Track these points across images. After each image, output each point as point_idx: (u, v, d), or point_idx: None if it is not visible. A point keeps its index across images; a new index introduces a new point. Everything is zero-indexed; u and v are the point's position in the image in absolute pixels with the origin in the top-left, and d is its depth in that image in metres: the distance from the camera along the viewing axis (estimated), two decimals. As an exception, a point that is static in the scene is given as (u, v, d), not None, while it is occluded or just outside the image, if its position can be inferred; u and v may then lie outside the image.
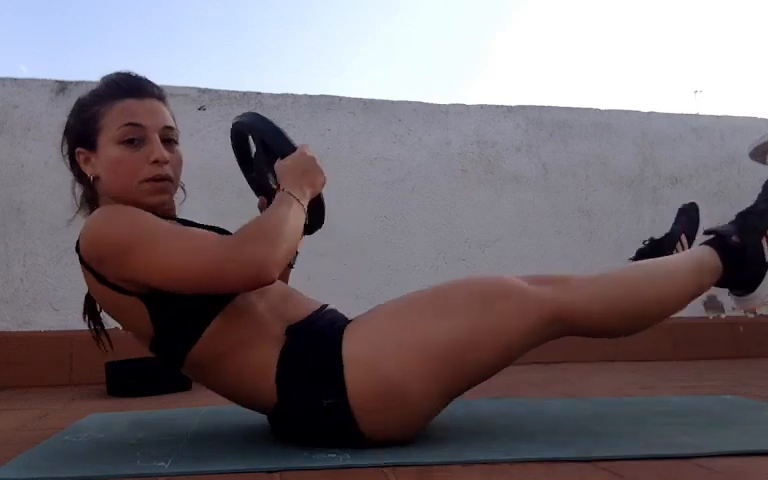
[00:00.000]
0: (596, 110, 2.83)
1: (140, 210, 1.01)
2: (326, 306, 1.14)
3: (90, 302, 1.15)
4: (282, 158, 1.09)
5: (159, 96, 1.12)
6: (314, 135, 2.50)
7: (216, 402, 1.58)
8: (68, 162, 1.14)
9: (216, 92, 2.49)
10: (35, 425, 1.39)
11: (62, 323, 2.21)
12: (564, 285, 1.10)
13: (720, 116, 2.95)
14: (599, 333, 1.15)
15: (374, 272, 2.47)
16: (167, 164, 1.08)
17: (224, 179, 2.36)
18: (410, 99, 2.68)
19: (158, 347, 1.05)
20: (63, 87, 2.33)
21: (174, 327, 1.02)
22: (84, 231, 1.00)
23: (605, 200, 2.75)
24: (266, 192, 1.18)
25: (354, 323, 1.06)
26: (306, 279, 1.43)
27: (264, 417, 1.17)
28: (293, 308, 1.09)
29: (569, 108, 2.81)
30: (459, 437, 1.10)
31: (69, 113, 1.14)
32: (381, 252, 2.51)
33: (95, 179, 1.09)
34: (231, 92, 2.51)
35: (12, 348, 2.14)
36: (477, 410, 1.37)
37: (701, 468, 0.90)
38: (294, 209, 1.02)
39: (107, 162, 1.07)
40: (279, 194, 1.04)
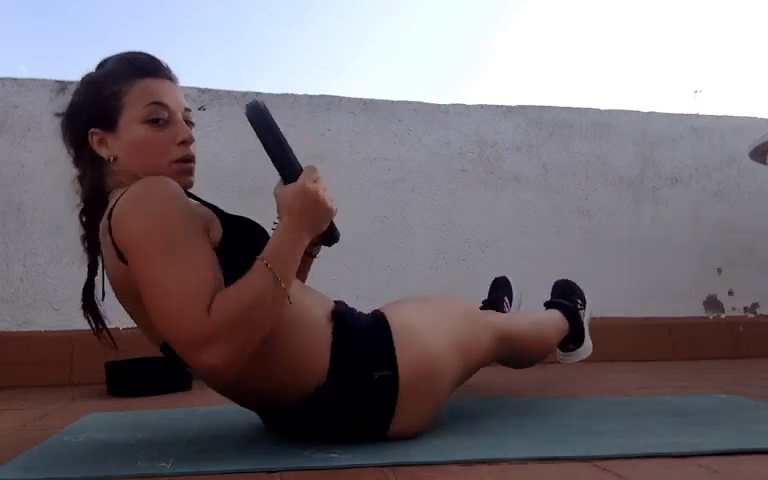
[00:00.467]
0: (596, 110, 2.83)
1: (179, 202, 0.95)
2: (341, 302, 1.15)
3: (88, 294, 1.12)
4: (284, 182, 1.02)
5: (174, 79, 1.10)
6: (314, 135, 2.50)
7: (215, 402, 1.58)
8: (72, 148, 1.09)
9: (216, 92, 2.49)
10: (35, 425, 1.39)
11: (62, 323, 2.21)
12: (504, 317, 1.46)
13: (720, 116, 2.95)
14: (522, 358, 1.47)
15: (374, 272, 2.47)
16: (193, 144, 1.07)
17: (224, 179, 2.36)
18: (410, 99, 2.68)
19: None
20: (63, 87, 2.33)
21: None
22: (121, 204, 0.95)
23: (605, 200, 2.75)
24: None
25: (387, 307, 1.16)
26: (306, 279, 1.43)
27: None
28: (318, 298, 1.11)
29: (569, 108, 2.81)
30: (459, 437, 1.10)
31: (74, 93, 1.10)
32: (381, 252, 2.51)
33: (113, 160, 1.04)
34: (231, 92, 2.51)
35: (12, 348, 2.14)
36: (477, 410, 1.38)
37: (700, 468, 0.90)
38: (271, 292, 0.92)
39: (131, 142, 1.03)
40: (258, 268, 0.93)
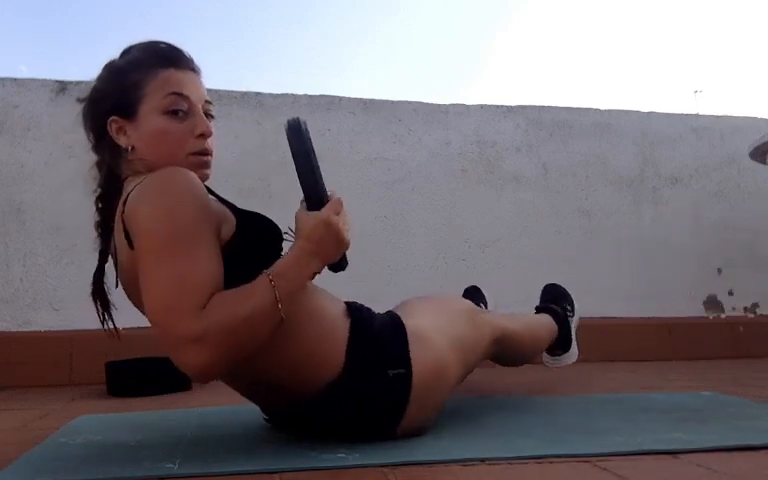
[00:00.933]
0: (596, 110, 2.83)
1: (195, 197, 0.94)
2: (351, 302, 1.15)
3: (98, 280, 1.11)
4: (308, 207, 1.00)
5: (196, 70, 1.09)
6: (314, 135, 2.49)
7: (215, 403, 1.58)
8: (91, 133, 1.08)
9: (216, 92, 2.49)
10: (35, 425, 1.39)
11: (62, 323, 2.21)
12: (498, 315, 1.43)
13: (720, 116, 2.95)
14: (516, 356, 1.48)
15: (374, 272, 2.47)
16: (211, 137, 1.06)
17: (224, 179, 2.34)
18: (410, 99, 2.68)
19: None
20: (63, 87, 2.33)
21: None
22: (137, 192, 0.94)
23: (605, 200, 2.75)
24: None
25: (398, 308, 1.21)
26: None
27: (261, 417, 1.17)
28: (330, 296, 1.11)
29: (569, 108, 2.81)
30: (459, 437, 1.10)
31: (97, 79, 1.08)
32: (381, 252, 2.51)
33: (131, 149, 1.04)
34: (231, 92, 2.51)
35: (12, 348, 2.14)
36: (476, 410, 1.38)
37: (700, 467, 0.90)
38: (268, 310, 0.91)
39: (150, 132, 1.02)
40: (262, 282, 0.92)
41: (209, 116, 1.08)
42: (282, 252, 1.04)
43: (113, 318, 1.12)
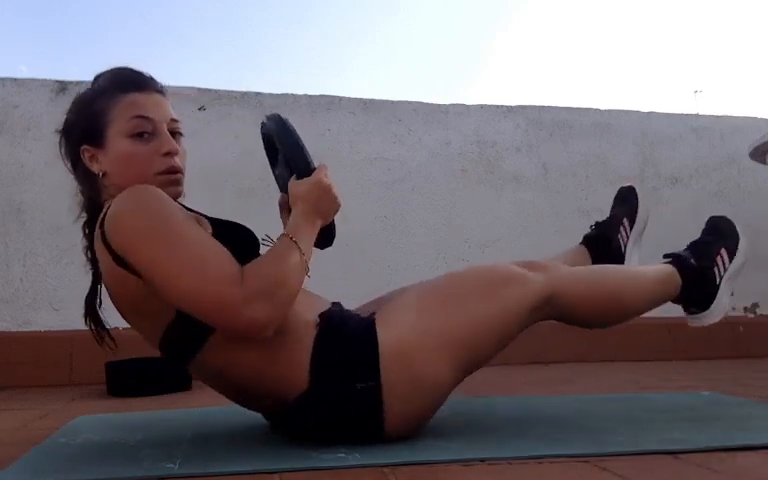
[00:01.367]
0: (596, 110, 2.83)
1: (165, 197, 0.99)
2: (337, 303, 1.14)
3: (91, 303, 1.14)
4: (298, 177, 1.06)
5: (161, 90, 1.12)
6: (314, 135, 2.50)
7: (214, 403, 1.58)
8: (69, 163, 1.13)
9: (216, 92, 2.49)
10: (35, 425, 1.39)
11: (62, 323, 2.21)
12: (554, 270, 1.19)
13: (720, 116, 2.95)
14: (578, 319, 1.22)
15: (374, 272, 2.47)
16: (178, 155, 1.08)
17: (224, 179, 2.36)
18: (410, 99, 2.68)
19: (171, 337, 1.01)
20: (63, 87, 2.34)
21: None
22: (115, 208, 0.97)
23: (605, 200, 2.73)
24: (284, 190, 1.15)
25: (383, 310, 1.10)
26: (306, 279, 1.43)
27: (261, 417, 1.17)
28: (311, 300, 1.10)
29: (569, 108, 2.81)
30: (459, 437, 1.10)
31: (68, 111, 1.13)
32: (381, 252, 2.51)
33: (103, 175, 1.07)
34: (231, 92, 2.51)
35: (12, 348, 2.14)
36: (477, 410, 1.37)
37: (700, 467, 0.90)
38: (299, 262, 0.99)
39: (117, 156, 1.06)
40: (285, 241, 1.00)
41: (177, 134, 1.11)
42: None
43: (109, 331, 1.15)
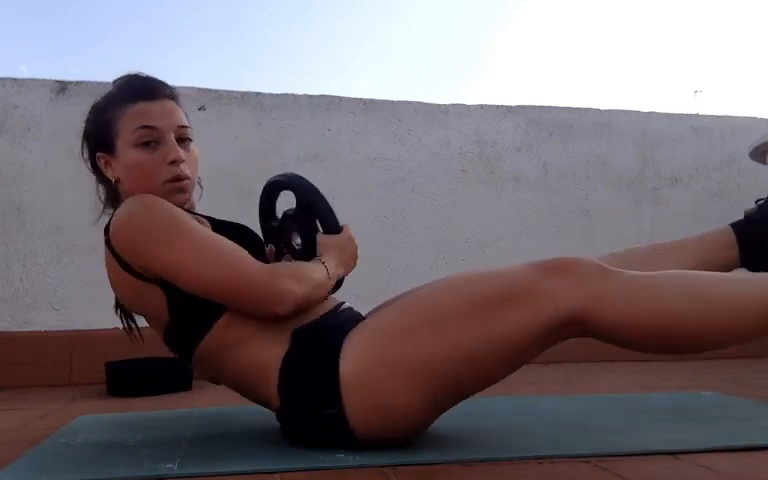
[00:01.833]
0: (596, 110, 2.83)
1: (167, 203, 1.04)
2: (342, 304, 1.13)
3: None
4: (326, 232, 1.15)
5: (171, 96, 1.13)
6: (314, 135, 2.51)
7: (214, 403, 1.58)
8: (89, 166, 1.17)
9: (216, 92, 2.49)
10: (35, 425, 1.39)
11: (62, 323, 2.21)
12: (592, 278, 0.93)
13: (720, 116, 2.95)
14: (623, 344, 0.98)
15: (374, 272, 2.46)
16: (184, 163, 1.10)
17: (224, 179, 2.36)
18: (410, 99, 2.67)
19: (172, 333, 1.07)
20: (63, 87, 2.33)
21: (189, 315, 1.03)
22: (117, 217, 1.03)
23: (605, 200, 2.75)
24: (276, 243, 1.23)
25: (354, 334, 1.01)
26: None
27: (262, 417, 1.17)
28: None
29: (569, 108, 2.81)
30: (459, 437, 1.10)
31: (86, 119, 1.16)
32: (381, 252, 2.51)
33: (117, 181, 1.12)
34: (231, 92, 2.51)
35: (12, 348, 2.14)
36: (477, 410, 1.37)
37: (700, 467, 0.90)
38: (324, 277, 1.07)
39: (126, 165, 1.10)
40: (316, 262, 1.09)
41: (187, 140, 1.13)
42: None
43: (138, 328, 1.18)
